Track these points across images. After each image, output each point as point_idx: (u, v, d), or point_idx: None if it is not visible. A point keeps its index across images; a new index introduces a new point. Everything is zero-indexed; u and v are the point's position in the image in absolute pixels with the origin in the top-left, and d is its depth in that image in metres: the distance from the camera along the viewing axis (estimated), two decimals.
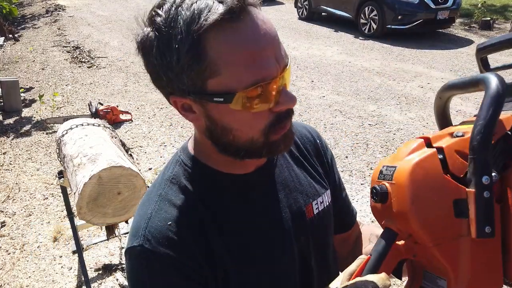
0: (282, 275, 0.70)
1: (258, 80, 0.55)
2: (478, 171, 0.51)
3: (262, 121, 0.59)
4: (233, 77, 0.55)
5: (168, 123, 4.49)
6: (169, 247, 0.61)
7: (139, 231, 0.63)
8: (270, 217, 0.70)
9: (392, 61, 6.31)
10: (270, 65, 0.56)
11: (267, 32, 0.56)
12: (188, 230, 0.63)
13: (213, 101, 0.57)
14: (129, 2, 11.56)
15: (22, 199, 3.29)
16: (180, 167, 0.69)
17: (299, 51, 6.92)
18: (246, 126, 0.59)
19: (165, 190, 0.67)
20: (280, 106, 0.59)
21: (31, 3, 12.15)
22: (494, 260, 0.55)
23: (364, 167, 3.52)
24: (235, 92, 0.55)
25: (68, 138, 2.11)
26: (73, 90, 5.55)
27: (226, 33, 0.53)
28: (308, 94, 5.13)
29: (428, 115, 4.46)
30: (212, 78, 0.55)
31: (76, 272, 2.54)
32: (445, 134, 0.58)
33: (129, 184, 1.80)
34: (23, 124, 4.61)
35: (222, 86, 0.55)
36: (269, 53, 0.56)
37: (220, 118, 0.59)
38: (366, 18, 7.64)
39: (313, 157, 0.80)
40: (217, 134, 0.62)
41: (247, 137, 0.60)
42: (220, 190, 0.67)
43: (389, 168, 0.58)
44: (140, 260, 0.62)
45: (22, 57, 7.09)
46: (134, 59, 6.71)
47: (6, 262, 2.64)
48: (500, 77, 0.53)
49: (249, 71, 0.54)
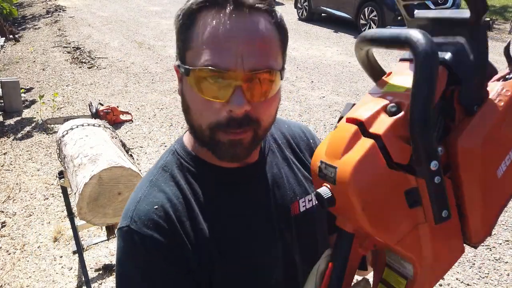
0: (265, 268, 0.71)
1: (211, 63, 0.58)
2: (424, 157, 0.47)
3: (212, 114, 0.61)
4: (196, 53, 0.60)
5: (168, 124, 4.49)
6: (154, 229, 0.64)
7: (128, 213, 0.67)
8: (256, 211, 0.71)
9: (392, 61, 6.32)
10: (228, 57, 0.57)
11: (245, 30, 0.58)
12: (174, 216, 0.65)
13: (182, 72, 0.62)
14: (130, 3, 11.57)
15: (22, 199, 3.30)
16: (173, 156, 0.73)
17: (299, 52, 6.92)
18: (198, 111, 0.62)
19: (156, 176, 0.70)
20: (228, 106, 0.59)
21: (31, 4, 12.16)
22: (454, 232, 0.55)
23: None
24: (192, 67, 0.60)
25: (69, 138, 2.11)
26: (74, 91, 5.55)
27: (207, 18, 0.59)
28: (308, 94, 5.13)
29: None
30: (187, 51, 0.61)
31: (76, 272, 2.55)
32: (378, 110, 0.51)
33: (130, 184, 1.80)
34: (23, 125, 4.62)
35: (189, 59, 0.61)
36: (234, 46, 0.57)
37: (185, 93, 0.64)
38: (366, 19, 7.65)
39: (306, 156, 0.82)
40: (184, 111, 0.66)
41: (197, 124, 0.63)
42: (209, 181, 0.70)
43: (328, 167, 0.53)
44: (125, 239, 0.65)
45: (23, 57, 7.09)
46: (134, 59, 6.72)
47: (6, 262, 2.65)
48: (427, 37, 0.47)
49: (205, 54, 0.58)
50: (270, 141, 0.79)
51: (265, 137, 0.70)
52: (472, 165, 0.52)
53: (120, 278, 0.66)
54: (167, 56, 6.82)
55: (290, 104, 4.85)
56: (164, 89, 5.48)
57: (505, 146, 0.55)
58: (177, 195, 0.67)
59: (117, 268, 0.67)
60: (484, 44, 0.50)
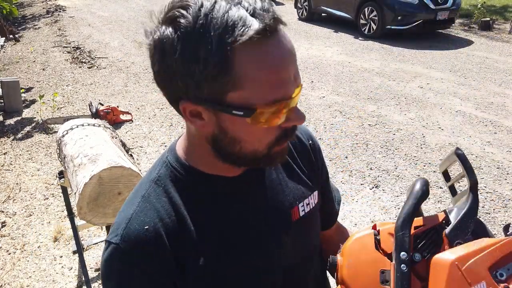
0: (265, 273, 0.71)
1: (279, 99, 0.56)
2: (397, 247, 0.63)
3: (271, 136, 0.61)
4: (256, 93, 0.55)
5: (168, 124, 4.49)
6: (142, 253, 0.63)
7: (119, 229, 0.65)
8: (255, 217, 0.71)
9: (391, 61, 6.32)
10: (290, 85, 0.57)
11: (291, 52, 0.57)
12: (165, 236, 0.64)
13: (231, 113, 0.56)
14: (130, 3, 11.57)
15: (22, 199, 3.30)
16: (166, 169, 0.69)
17: (299, 52, 6.92)
18: (256, 140, 0.61)
19: (148, 191, 0.68)
20: (290, 123, 0.60)
21: (31, 4, 12.16)
22: None
23: (364, 167, 3.53)
24: (255, 108, 0.55)
25: (69, 138, 2.11)
26: (74, 91, 5.55)
27: (255, 50, 0.53)
28: (308, 94, 5.14)
29: (428, 115, 4.47)
30: (234, 92, 0.55)
31: (76, 272, 2.55)
32: (392, 223, 0.70)
33: (130, 184, 1.80)
34: (23, 125, 4.62)
35: (242, 100, 0.55)
36: (291, 73, 0.57)
37: (233, 129, 0.59)
38: (366, 19, 7.64)
39: (303, 159, 0.81)
40: (224, 144, 0.62)
41: (252, 149, 0.62)
42: (206, 191, 0.68)
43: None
44: (113, 257, 0.64)
45: (23, 57, 7.10)
46: (134, 59, 6.72)
47: (6, 262, 2.65)
48: (423, 182, 0.69)
49: (272, 89, 0.55)
50: None
51: None
52: (439, 278, 0.60)
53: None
54: None
55: None
56: None
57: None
58: (170, 213, 0.66)
59: (103, 282, 0.67)
60: (475, 201, 0.66)
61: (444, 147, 3.81)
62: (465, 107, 4.64)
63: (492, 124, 4.25)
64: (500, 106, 4.65)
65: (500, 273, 0.58)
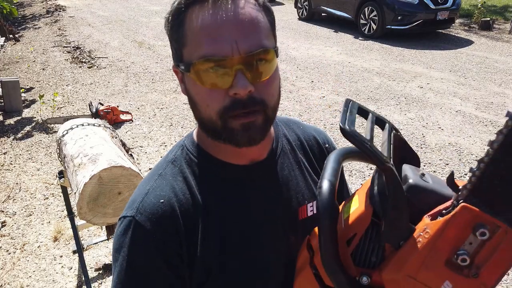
0: (267, 265, 0.71)
1: (208, 55, 0.59)
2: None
3: (217, 102, 0.62)
4: (192, 48, 0.61)
5: (168, 123, 4.49)
6: (157, 224, 0.65)
7: (135, 203, 0.68)
8: (263, 211, 0.72)
9: (391, 61, 6.32)
10: (223, 44, 0.59)
11: (233, 16, 0.59)
12: (178, 211, 0.66)
13: (182, 69, 0.64)
14: (130, 3, 11.57)
15: (22, 199, 3.30)
16: (182, 151, 0.74)
17: (299, 52, 6.92)
18: (204, 103, 0.63)
19: (166, 170, 0.71)
20: (232, 90, 0.60)
21: (31, 4, 12.16)
22: None
23: (364, 167, 3.53)
24: (191, 62, 0.61)
25: (69, 138, 2.11)
26: (74, 90, 5.55)
27: (197, 12, 0.61)
28: (308, 94, 5.13)
29: (428, 115, 4.47)
30: (184, 48, 0.63)
31: (76, 272, 2.55)
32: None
33: (130, 184, 1.80)
34: (23, 124, 4.62)
35: (187, 56, 0.63)
36: (226, 33, 0.59)
37: (189, 89, 0.66)
38: (366, 19, 7.64)
39: (318, 161, 0.82)
40: (192, 109, 0.67)
41: (207, 116, 0.64)
42: (217, 177, 0.71)
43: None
44: (127, 229, 0.66)
45: (23, 57, 7.09)
46: (134, 59, 6.72)
47: (6, 262, 2.65)
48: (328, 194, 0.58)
49: (202, 45, 0.60)
50: (283, 142, 0.79)
51: (275, 117, 0.69)
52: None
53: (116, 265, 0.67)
54: (167, 56, 6.81)
55: (290, 104, 4.85)
56: (164, 89, 5.48)
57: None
58: (184, 191, 0.69)
59: (113, 254, 0.68)
60: (395, 185, 0.51)
61: (444, 147, 3.81)
62: (465, 107, 4.64)
63: (492, 124, 4.25)
64: (500, 106, 4.65)
65: (463, 253, 0.48)
